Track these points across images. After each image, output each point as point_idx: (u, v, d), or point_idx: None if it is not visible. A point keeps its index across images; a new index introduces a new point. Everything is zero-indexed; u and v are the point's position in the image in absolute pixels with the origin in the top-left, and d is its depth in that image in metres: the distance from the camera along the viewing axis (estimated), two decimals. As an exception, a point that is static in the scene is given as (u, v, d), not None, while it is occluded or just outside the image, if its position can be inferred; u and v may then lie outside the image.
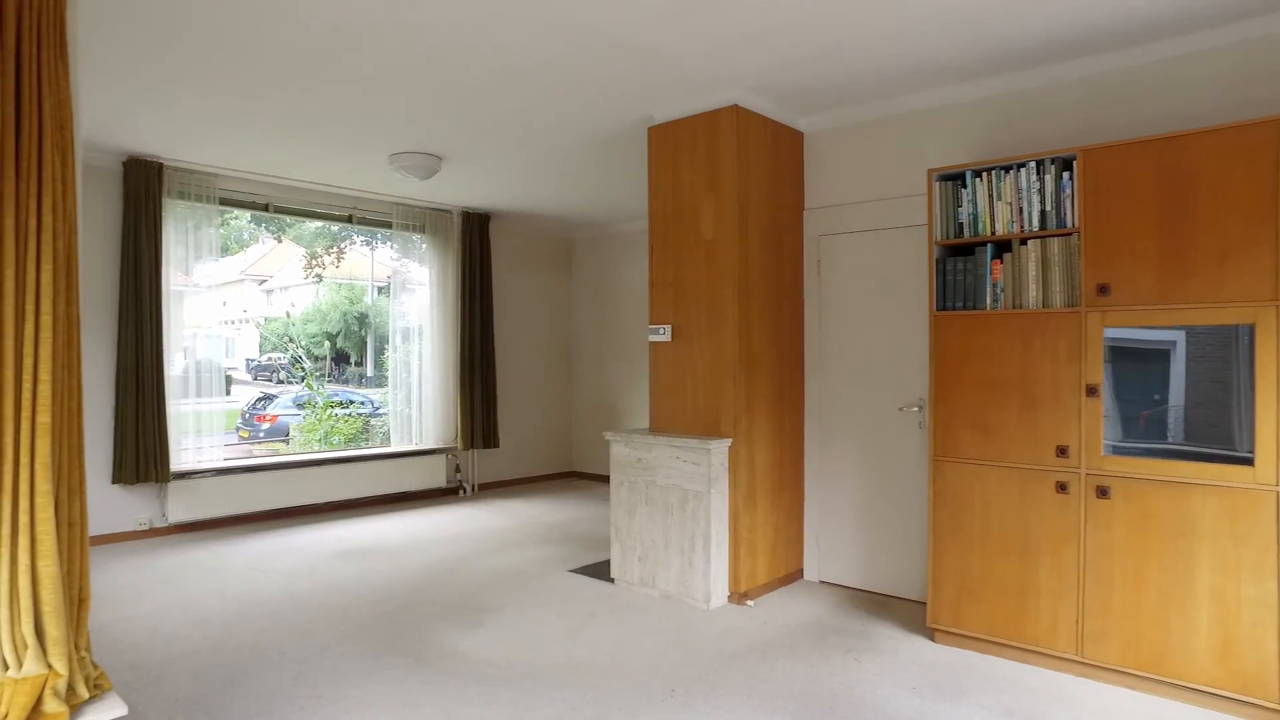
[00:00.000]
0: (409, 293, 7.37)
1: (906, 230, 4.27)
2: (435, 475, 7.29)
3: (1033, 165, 3.35)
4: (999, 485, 3.43)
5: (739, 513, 4.21)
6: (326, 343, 18.50)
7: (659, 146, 4.50)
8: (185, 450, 5.91)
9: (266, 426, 12.68)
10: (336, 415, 10.47)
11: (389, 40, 3.54)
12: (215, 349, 6.30)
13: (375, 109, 4.49)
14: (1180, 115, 3.45)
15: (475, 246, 7.51)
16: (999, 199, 3.46)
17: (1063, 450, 3.25)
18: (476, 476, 7.75)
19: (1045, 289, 3.33)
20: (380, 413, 11.54)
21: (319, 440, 9.81)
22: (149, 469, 5.59)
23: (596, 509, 6.93)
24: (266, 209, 6.44)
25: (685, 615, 4.05)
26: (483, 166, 5.83)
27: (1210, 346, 3.05)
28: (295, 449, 10.86)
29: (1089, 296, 3.19)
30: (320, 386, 13.09)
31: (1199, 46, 3.40)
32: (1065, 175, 3.25)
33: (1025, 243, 3.39)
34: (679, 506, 4.23)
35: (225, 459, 6.25)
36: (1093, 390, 3.17)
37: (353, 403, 12.27)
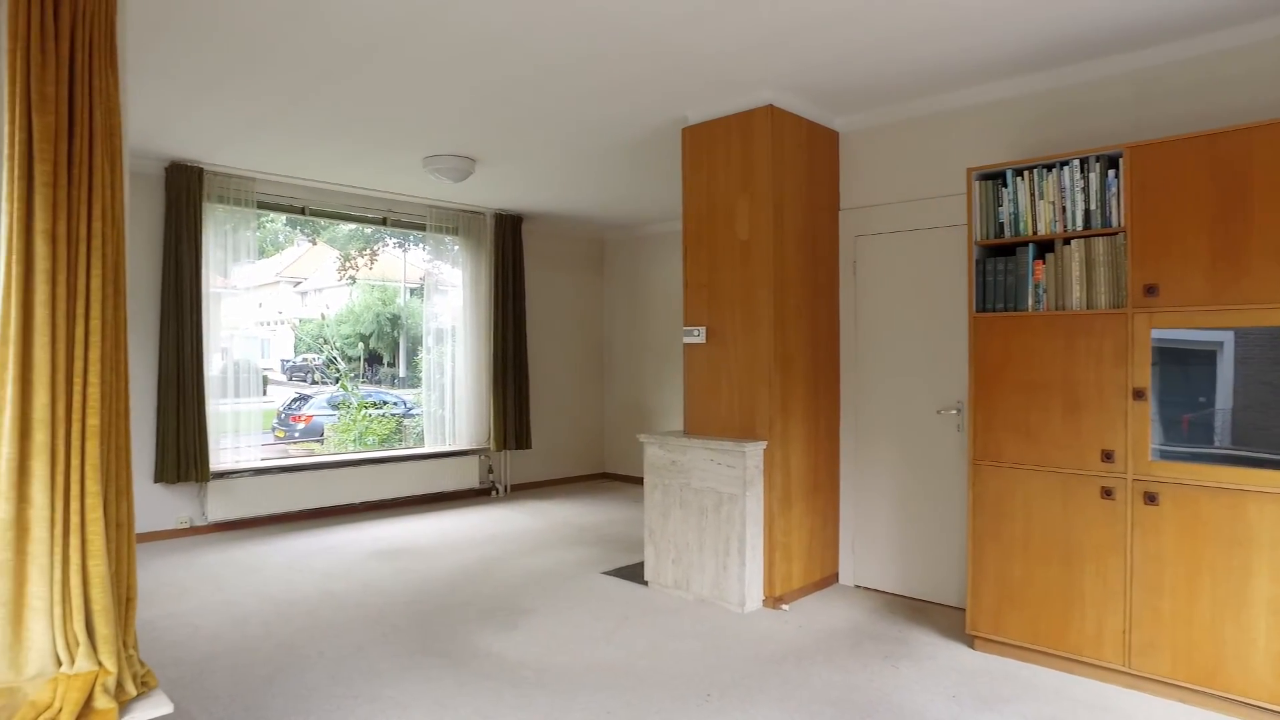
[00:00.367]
0: (441, 294, 7.42)
1: (944, 230, 4.20)
2: (468, 476, 7.33)
3: (1076, 163, 3.27)
4: (1041, 490, 3.36)
5: (774, 516, 4.17)
6: (360, 344, 18.73)
7: (693, 147, 4.48)
8: (224, 450, 6.01)
9: (301, 426, 12.87)
10: (370, 416, 10.59)
11: (424, 44, 3.56)
12: (251, 350, 6.40)
13: (410, 112, 4.53)
14: (1232, 110, 3.35)
15: (508, 248, 7.55)
16: (1041, 198, 3.39)
17: (1108, 455, 3.17)
18: (509, 477, 7.79)
19: (1089, 290, 3.25)
20: (413, 413, 11.66)
21: (353, 441, 9.93)
22: (189, 468, 5.70)
23: (629, 511, 6.93)
24: (303, 212, 6.53)
25: (720, 619, 4.02)
26: (516, 168, 5.85)
27: (1260, 348, 2.96)
28: (330, 449, 11.01)
29: (1136, 297, 3.11)
30: (355, 387, 13.24)
31: (1251, 39, 3.30)
32: (1111, 173, 3.18)
33: (1069, 242, 3.31)
34: (714, 509, 4.21)
35: (262, 459, 6.34)
36: (1140, 394, 3.09)
37: (386, 403, 12.41)
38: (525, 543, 5.72)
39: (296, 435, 12.75)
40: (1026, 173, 3.42)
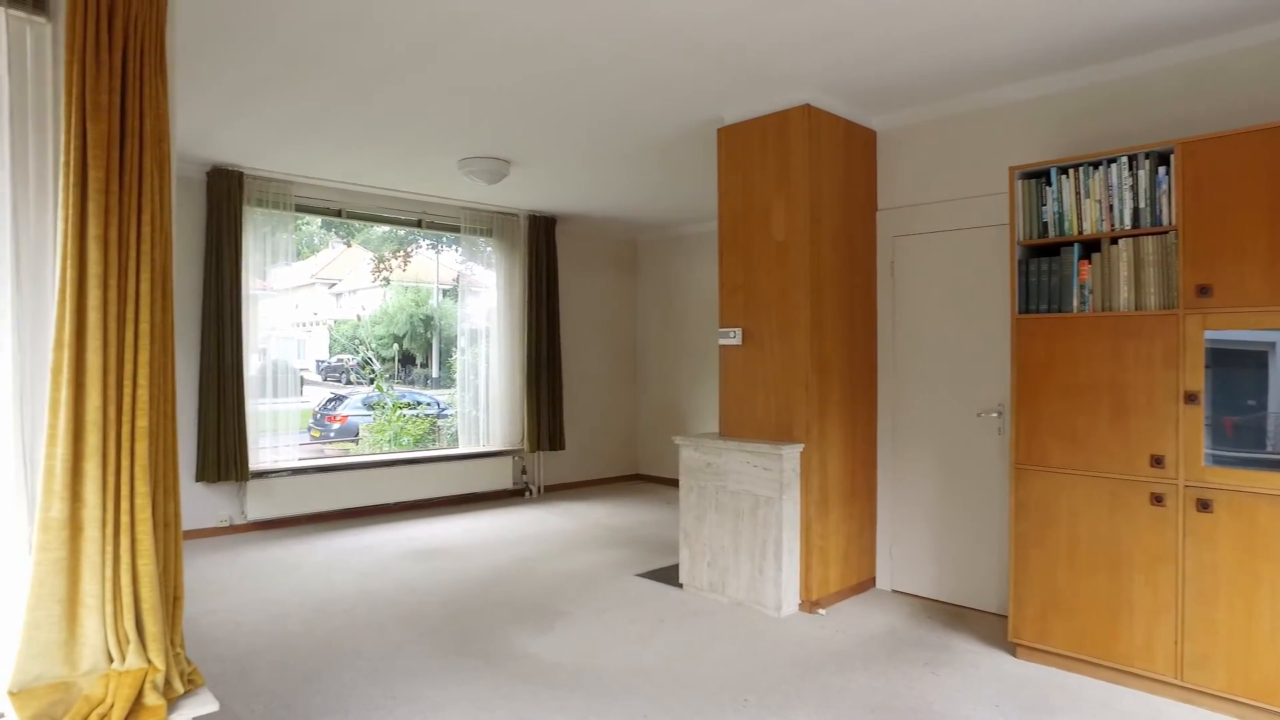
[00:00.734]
0: (474, 295, 7.47)
1: (985, 230, 4.13)
2: (502, 477, 7.37)
3: (1125, 160, 3.19)
4: (1087, 495, 3.28)
5: (811, 519, 4.13)
6: (394, 345, 18.94)
7: (729, 148, 4.46)
8: (262, 449, 6.10)
9: (337, 427, 13.05)
10: (405, 416, 10.69)
11: (463, 47, 3.58)
12: (288, 351, 6.49)
13: (447, 115, 4.56)
14: (1288, 105, 3.25)
15: (541, 249, 7.57)
16: (1087, 196, 3.31)
17: (1158, 460, 3.08)
18: (542, 478, 7.81)
19: (1138, 290, 3.16)
20: (446, 413, 11.76)
21: (388, 441, 10.03)
22: (229, 468, 5.79)
23: (662, 512, 6.91)
24: (339, 214, 6.61)
25: (756, 623, 3.99)
26: (550, 170, 5.86)
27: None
28: (365, 449, 11.14)
29: (1188, 298, 3.02)
30: (390, 388, 13.40)
31: (1309, 31, 3.19)
32: (1161, 169, 3.09)
33: (1116, 242, 3.23)
34: (750, 512, 4.18)
35: (299, 459, 6.43)
36: (1192, 397, 3.00)
37: (420, 404, 12.53)
38: (559, 544, 5.73)
39: (332, 435, 12.93)
40: (1072, 171, 3.34)
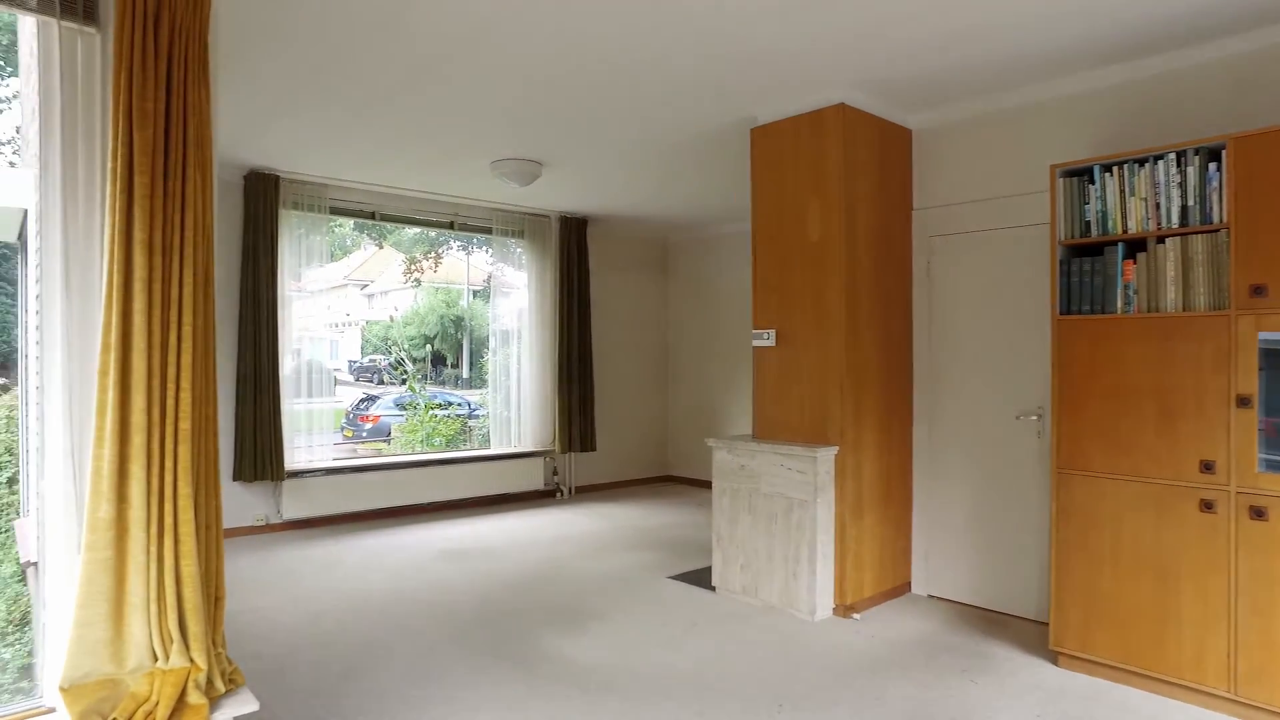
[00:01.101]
0: (505, 296, 7.50)
1: (1024, 230, 4.05)
2: (533, 478, 7.40)
3: (1172, 157, 3.10)
4: (1132, 501, 3.20)
5: (845, 523, 4.08)
6: (425, 345, 19.12)
7: (762, 148, 4.42)
8: (297, 449, 6.17)
9: (369, 427, 13.20)
10: (437, 417, 10.78)
11: (495, 48, 3.59)
12: (321, 351, 6.57)
13: (478, 117, 4.58)
14: (1345, 98, 3.14)
15: (573, 250, 7.58)
16: (1132, 194, 3.22)
17: (1208, 466, 3.00)
18: (573, 479, 7.82)
19: (1186, 290, 3.08)
20: (477, 414, 11.83)
21: (421, 441, 10.12)
22: (265, 467, 5.88)
23: (693, 514, 6.89)
24: (373, 217, 6.68)
25: (789, 627, 3.95)
26: (582, 171, 5.87)
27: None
28: (397, 449, 11.25)
29: (1240, 298, 2.93)
30: (422, 388, 13.52)
31: (1367, 22, 3.08)
32: (1212, 166, 3.00)
33: (1163, 241, 3.15)
34: (783, 515, 4.14)
35: (334, 459, 6.50)
36: (1244, 400, 2.91)
37: (450, 404, 12.63)
38: (590, 545, 5.73)
39: (364, 435, 13.08)
40: (1116, 168, 3.26)
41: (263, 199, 5.85)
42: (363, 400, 14.39)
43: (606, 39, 3.46)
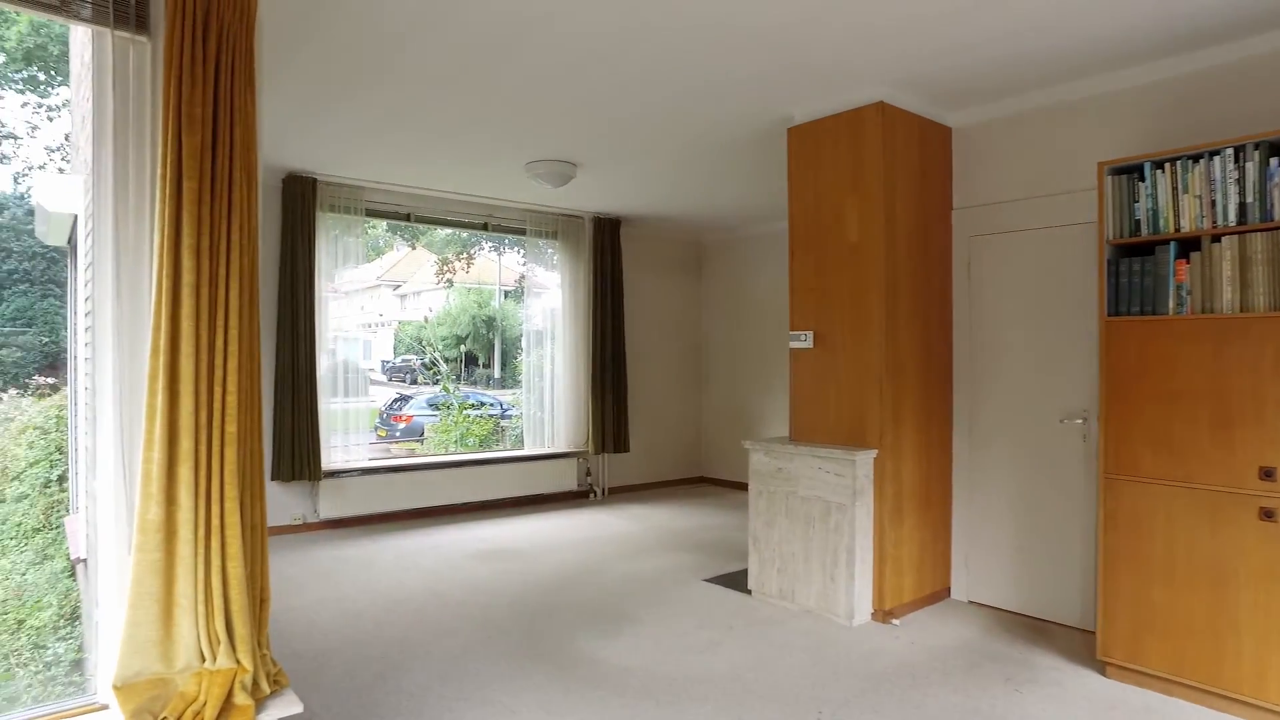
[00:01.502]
0: (537, 296, 7.52)
1: (1068, 229, 3.95)
2: (566, 478, 7.40)
3: (1230, 152, 3.00)
4: (1186, 508, 3.10)
5: (884, 527, 4.02)
6: (458, 345, 19.27)
7: (799, 147, 4.37)
8: (333, 449, 6.24)
9: (403, 426, 13.33)
10: (471, 417, 10.85)
11: (530, 48, 3.59)
12: (355, 351, 6.63)
13: (513, 118, 4.58)
14: None
15: (606, 251, 7.57)
16: (1185, 192, 3.13)
17: (1268, 473, 2.90)
18: (606, 480, 7.82)
19: (1244, 291, 2.98)
20: (509, 414, 11.89)
21: (455, 441, 10.19)
22: (303, 467, 5.94)
23: (727, 516, 6.84)
24: (408, 218, 6.73)
25: (827, 632, 3.90)
26: (616, 172, 5.86)
27: None
28: (430, 449, 11.34)
29: (1301, 299, 2.83)
30: (456, 388, 13.62)
31: None
32: (1273, 161, 2.90)
33: (1218, 239, 3.05)
34: (821, 519, 4.09)
35: (369, 459, 6.56)
36: (1305, 405, 2.81)
37: (483, 404, 12.71)
38: (624, 547, 5.72)
39: (397, 435, 13.22)
40: (1167, 165, 3.17)
41: (300, 201, 5.92)
42: (396, 400, 14.54)
43: (642, 39, 3.44)
